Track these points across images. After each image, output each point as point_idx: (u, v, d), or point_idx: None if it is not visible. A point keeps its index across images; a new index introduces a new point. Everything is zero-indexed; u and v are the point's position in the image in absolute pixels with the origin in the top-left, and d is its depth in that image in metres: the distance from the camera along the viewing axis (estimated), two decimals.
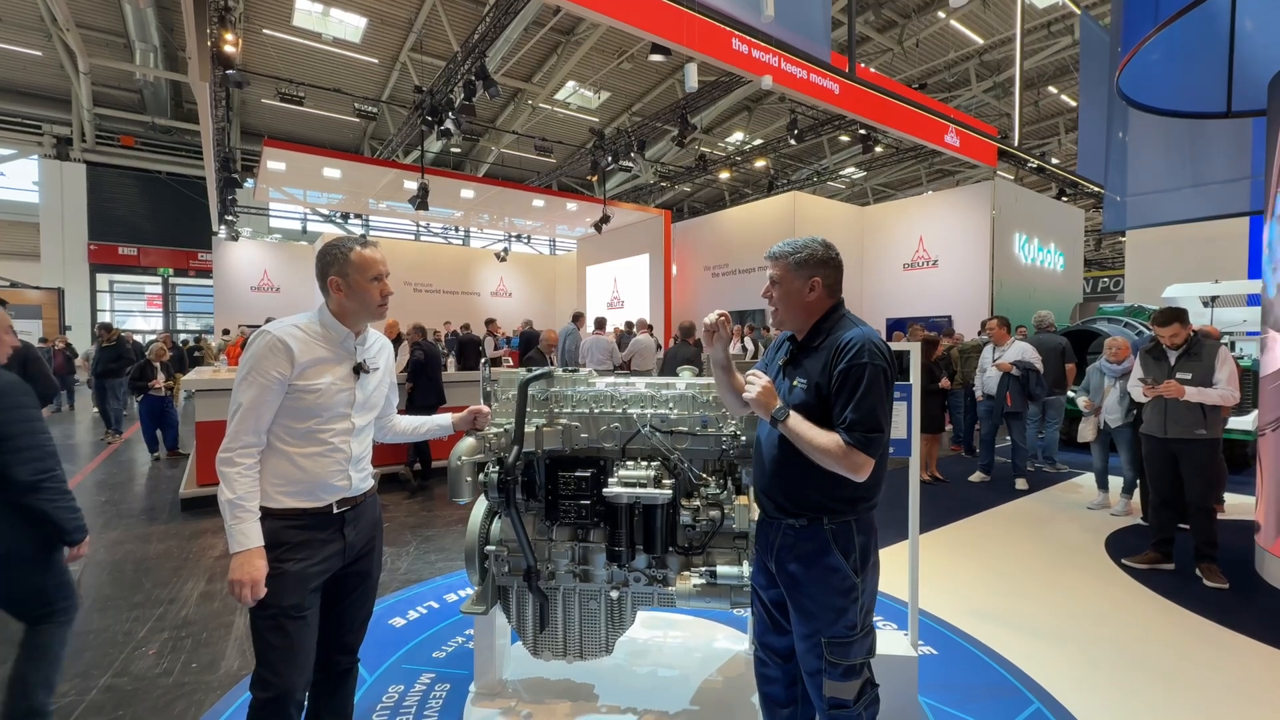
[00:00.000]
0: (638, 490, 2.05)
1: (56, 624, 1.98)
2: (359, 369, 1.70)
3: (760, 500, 1.70)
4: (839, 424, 1.49)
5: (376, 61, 13.65)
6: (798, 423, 1.52)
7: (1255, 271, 8.43)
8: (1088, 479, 5.86)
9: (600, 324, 9.33)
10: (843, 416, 1.49)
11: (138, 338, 14.06)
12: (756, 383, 1.58)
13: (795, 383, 1.61)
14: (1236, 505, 5.14)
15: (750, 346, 10.89)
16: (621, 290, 16.83)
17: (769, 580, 1.69)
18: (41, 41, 13.00)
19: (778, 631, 1.73)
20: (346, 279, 1.66)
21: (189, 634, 2.98)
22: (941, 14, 12.13)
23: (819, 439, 1.49)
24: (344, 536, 1.67)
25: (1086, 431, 5.21)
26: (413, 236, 20.65)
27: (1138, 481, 4.93)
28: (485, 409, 2.12)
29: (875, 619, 3.09)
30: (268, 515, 1.57)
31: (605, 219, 13.92)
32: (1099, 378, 5.09)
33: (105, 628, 3.05)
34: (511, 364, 10.91)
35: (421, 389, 5.81)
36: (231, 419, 1.56)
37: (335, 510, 1.65)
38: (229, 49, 7.26)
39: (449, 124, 9.75)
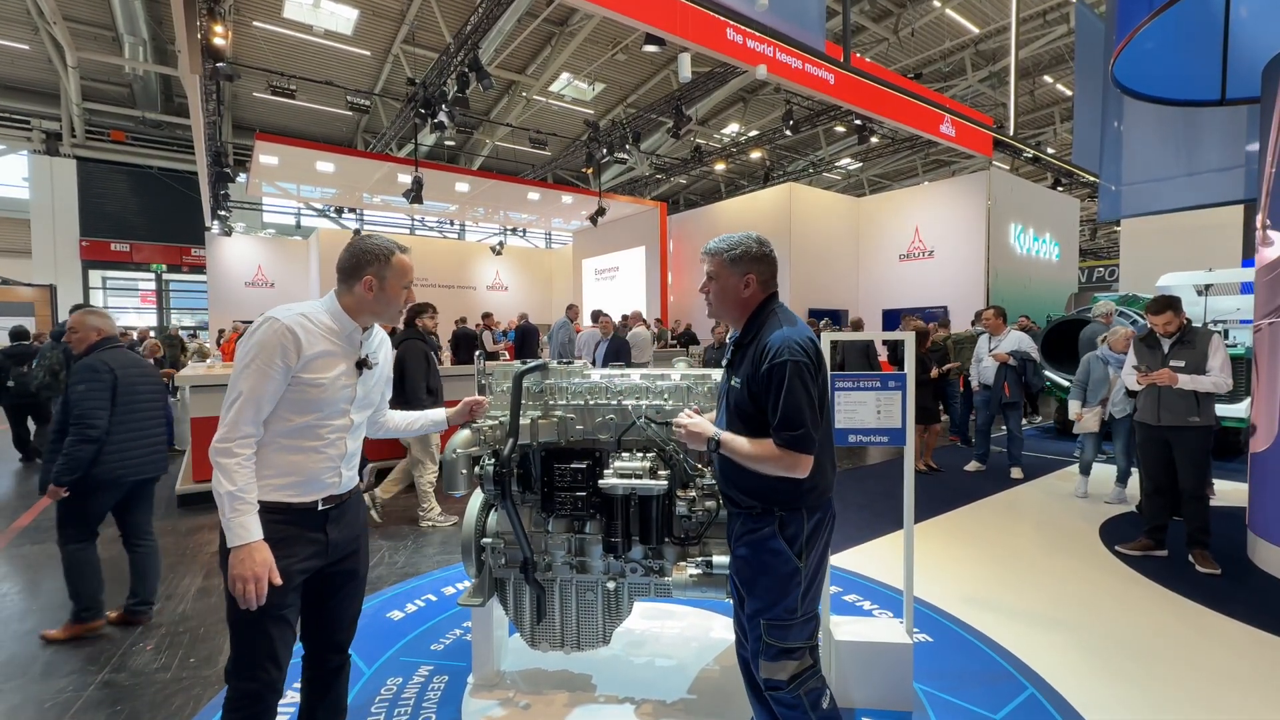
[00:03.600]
0: (633, 481, 2.05)
1: None
2: (362, 365, 1.68)
3: (721, 495, 1.76)
4: (772, 428, 1.54)
5: (369, 54, 13.51)
6: (730, 441, 1.58)
7: (1249, 260, 8.46)
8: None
9: (596, 317, 9.31)
10: (773, 419, 1.53)
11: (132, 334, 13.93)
12: (685, 425, 1.65)
13: (733, 381, 1.65)
14: (1227, 491, 5.18)
15: None
16: (618, 282, 16.80)
17: None
18: (29, 35, 12.82)
19: None
20: (383, 280, 1.66)
21: (186, 629, 2.99)
22: (937, 2, 12.06)
23: (753, 450, 1.54)
24: (326, 535, 1.64)
25: (1091, 423, 5.11)
26: (407, 230, 20.52)
27: (1131, 470, 4.98)
28: (481, 399, 2.11)
29: (872, 607, 3.13)
30: None
31: (601, 212, 13.87)
32: (1102, 368, 5.06)
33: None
34: (508, 358, 10.88)
35: None
36: (228, 408, 1.49)
37: (320, 508, 1.62)
38: (219, 41, 7.18)
39: (442, 117, 9.68)
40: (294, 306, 1.59)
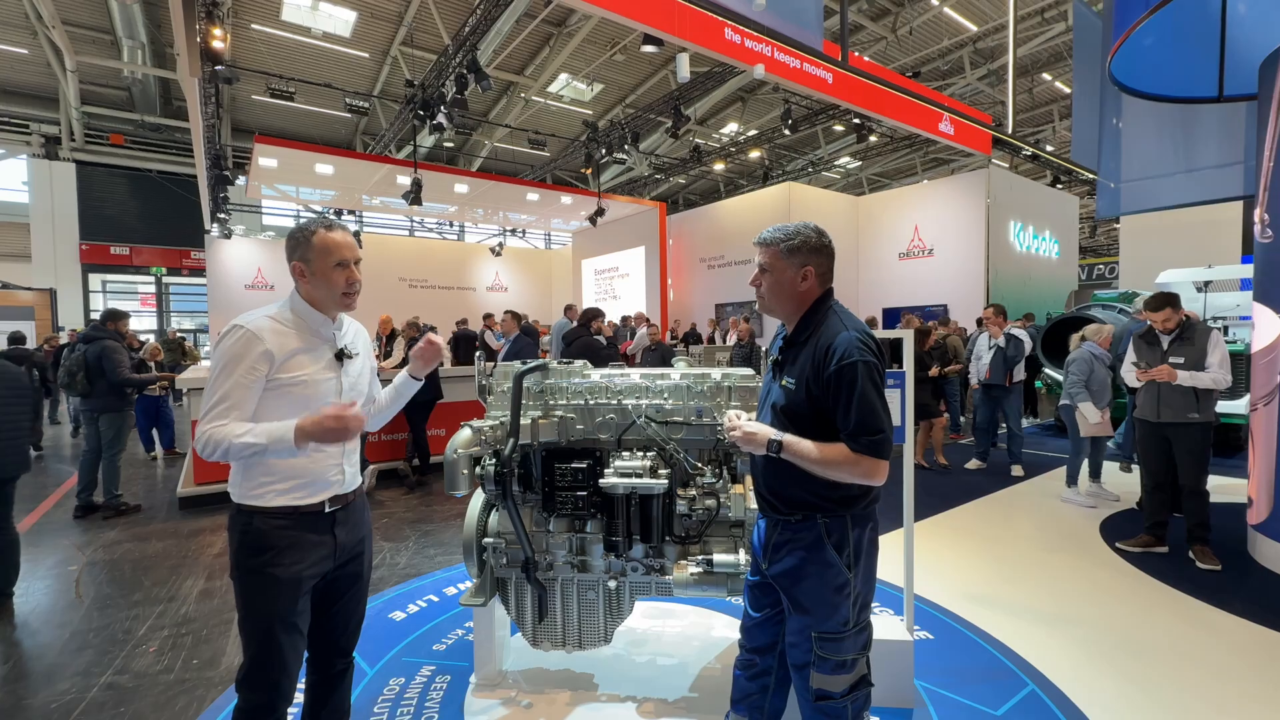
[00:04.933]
0: (634, 480, 2.06)
1: None
2: (341, 355, 1.64)
3: (758, 499, 1.68)
4: (843, 433, 1.45)
5: (367, 56, 13.52)
6: (796, 445, 1.47)
7: (1249, 256, 8.46)
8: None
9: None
10: (845, 424, 1.44)
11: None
12: (739, 427, 1.54)
13: (784, 382, 1.56)
14: (1225, 486, 5.17)
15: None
16: (617, 283, 16.81)
17: (756, 571, 1.71)
18: (27, 39, 12.83)
19: (757, 618, 1.72)
20: (309, 264, 1.58)
21: (189, 631, 3.00)
22: (935, 1, 12.07)
23: (826, 453, 1.44)
24: (335, 537, 1.63)
25: (1108, 426, 4.92)
26: (407, 232, 20.53)
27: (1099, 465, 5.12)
28: (433, 341, 1.87)
29: (872, 605, 3.13)
30: (258, 514, 1.53)
31: (600, 212, 13.87)
32: (1103, 369, 5.00)
33: (105, 626, 3.06)
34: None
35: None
36: (205, 413, 1.46)
37: (327, 510, 1.61)
38: (217, 44, 7.18)
39: (441, 118, 9.68)
40: (258, 311, 1.57)
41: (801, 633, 1.56)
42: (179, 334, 14.55)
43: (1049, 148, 14.43)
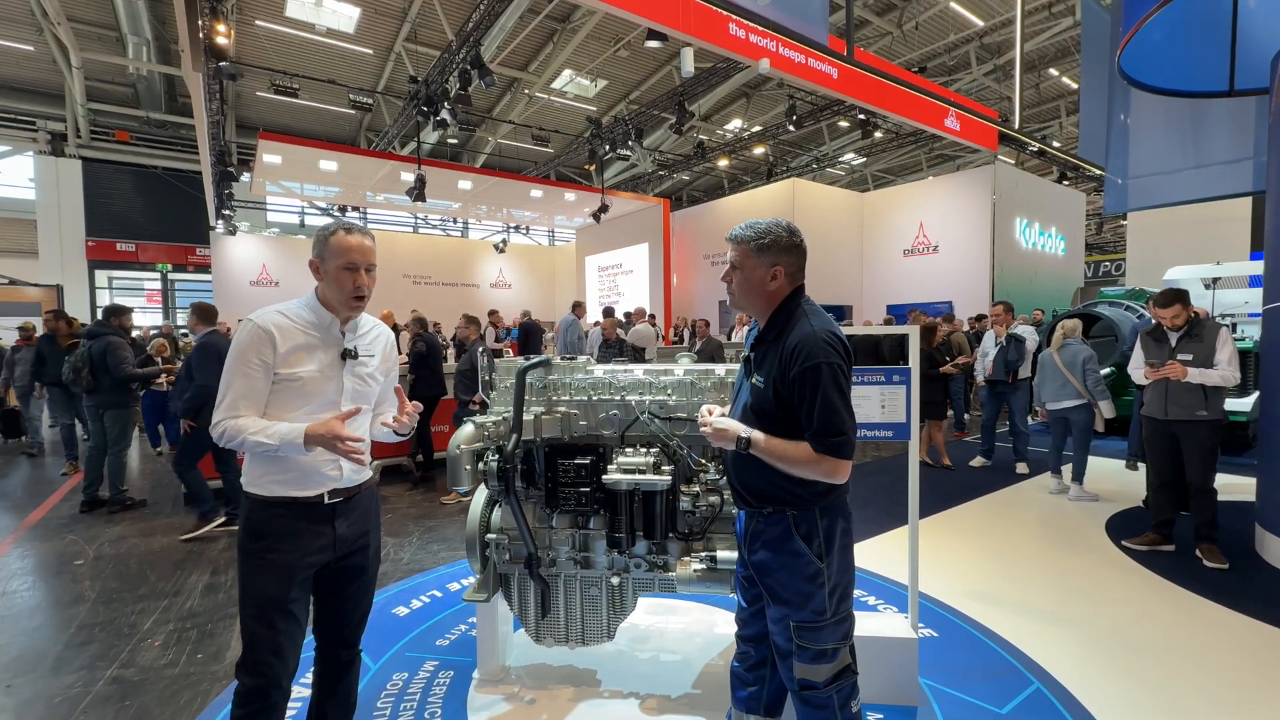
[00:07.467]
0: (637, 477, 2.05)
1: None
2: (346, 355, 1.67)
3: (732, 492, 1.71)
4: (807, 433, 1.47)
5: (371, 52, 13.51)
6: (763, 442, 1.50)
7: (1258, 253, 8.38)
8: (1093, 463, 5.72)
9: (607, 314, 9.31)
10: (809, 425, 1.46)
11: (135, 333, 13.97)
12: (710, 424, 1.59)
13: (754, 380, 1.58)
14: (1233, 485, 5.13)
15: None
16: (621, 279, 16.80)
17: (743, 562, 1.72)
18: (33, 36, 12.86)
19: (750, 610, 1.72)
20: (323, 263, 1.63)
21: (194, 625, 3.01)
22: None
23: (790, 452, 1.47)
24: (334, 529, 1.65)
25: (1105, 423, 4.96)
26: (411, 229, 20.56)
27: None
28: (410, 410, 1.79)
29: (877, 602, 3.12)
30: (260, 502, 1.57)
31: (604, 208, 13.85)
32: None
33: (110, 620, 3.07)
34: (512, 355, 10.88)
35: (424, 380, 5.81)
36: (219, 404, 1.54)
37: (326, 501, 1.63)
38: (222, 41, 7.20)
39: (445, 114, 9.68)
40: (273, 306, 1.63)
41: (780, 622, 1.58)
42: (170, 330, 14.63)
43: (1056, 143, 14.34)
